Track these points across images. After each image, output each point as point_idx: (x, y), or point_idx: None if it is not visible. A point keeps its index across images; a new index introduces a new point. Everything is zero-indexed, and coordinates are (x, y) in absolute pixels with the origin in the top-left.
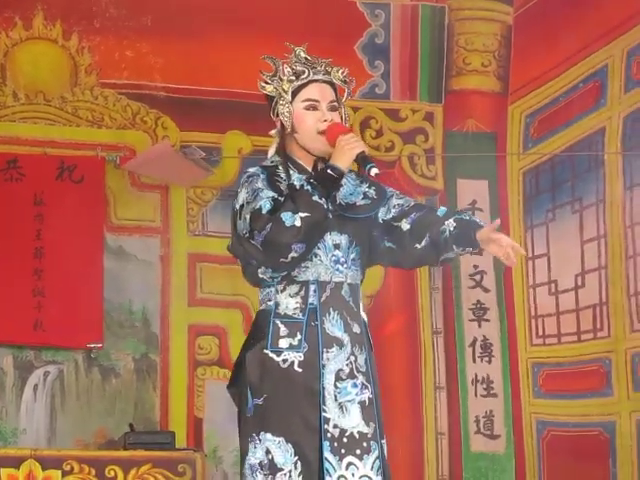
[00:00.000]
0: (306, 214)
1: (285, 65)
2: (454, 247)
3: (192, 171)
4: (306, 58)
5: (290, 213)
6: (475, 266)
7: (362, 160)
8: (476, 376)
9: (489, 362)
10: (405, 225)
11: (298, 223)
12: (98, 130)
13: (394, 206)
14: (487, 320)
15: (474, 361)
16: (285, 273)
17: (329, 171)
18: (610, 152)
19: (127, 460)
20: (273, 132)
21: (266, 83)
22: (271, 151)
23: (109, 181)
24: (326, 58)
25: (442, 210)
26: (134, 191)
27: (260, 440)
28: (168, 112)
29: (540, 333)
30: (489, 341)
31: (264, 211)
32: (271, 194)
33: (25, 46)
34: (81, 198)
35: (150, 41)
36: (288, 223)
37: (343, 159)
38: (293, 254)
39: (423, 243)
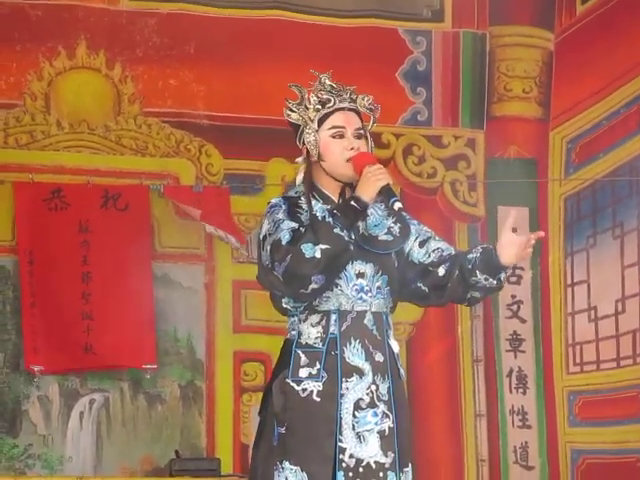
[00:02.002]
0: (326, 246)
1: (311, 93)
2: (478, 273)
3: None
4: (331, 85)
5: (311, 244)
6: (513, 296)
7: (386, 193)
8: (513, 407)
9: (524, 393)
10: (441, 270)
11: (318, 255)
12: (142, 158)
13: (434, 250)
14: (523, 351)
15: (510, 392)
16: (307, 303)
17: (353, 202)
18: None
19: None
20: (299, 160)
21: (291, 111)
22: (298, 179)
23: (153, 209)
24: (350, 85)
25: (474, 253)
26: (178, 219)
27: (282, 468)
28: (211, 140)
29: (578, 361)
30: (524, 372)
31: (284, 242)
32: (292, 225)
33: (69, 75)
34: (126, 226)
35: (193, 69)
36: (308, 255)
37: (368, 191)
38: (313, 285)
39: (452, 278)
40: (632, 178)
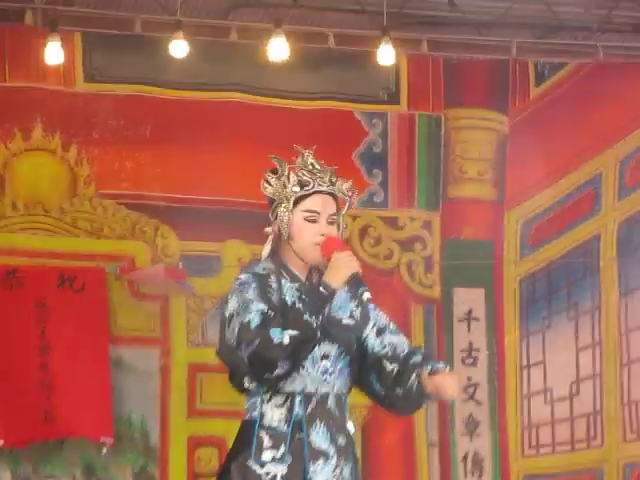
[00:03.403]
0: (295, 332)
1: (291, 171)
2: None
3: (181, 290)
4: (313, 164)
5: (279, 330)
6: (469, 378)
7: (355, 281)
8: None
9: (480, 477)
10: (390, 367)
11: (286, 341)
12: (97, 240)
13: (388, 343)
14: (478, 434)
15: (465, 476)
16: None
17: (321, 288)
18: (606, 258)
19: None
20: (268, 230)
21: (269, 184)
22: (265, 251)
23: (110, 291)
24: (331, 165)
25: (415, 358)
26: (134, 301)
27: None
28: (167, 221)
29: (534, 443)
30: (480, 456)
31: (253, 325)
32: (261, 307)
33: (24, 157)
34: (83, 307)
35: (149, 151)
36: (276, 340)
37: (337, 277)
38: (279, 371)
39: (399, 391)
40: (586, 259)
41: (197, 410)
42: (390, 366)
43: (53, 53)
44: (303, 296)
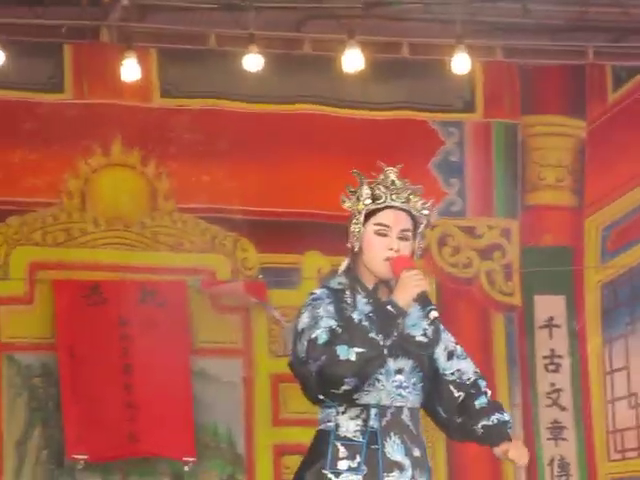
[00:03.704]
0: (361, 350)
1: (365, 186)
2: (476, 426)
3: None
4: (393, 181)
5: (346, 347)
6: (552, 384)
7: (423, 300)
8: None
9: None
10: (457, 394)
11: (353, 358)
12: (178, 254)
13: (457, 370)
14: (564, 439)
15: None
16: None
17: (389, 307)
18: None
19: None
20: (349, 245)
21: (347, 199)
22: (342, 267)
23: (191, 304)
24: (415, 185)
25: (481, 402)
26: (215, 314)
27: None
28: (246, 234)
29: (619, 448)
30: (566, 460)
31: (320, 341)
32: (330, 323)
33: (104, 173)
34: (165, 321)
35: (226, 165)
36: (342, 357)
37: (404, 296)
38: (346, 387)
39: (459, 420)
40: None
41: (281, 419)
42: (457, 393)
43: (129, 69)
44: (371, 314)
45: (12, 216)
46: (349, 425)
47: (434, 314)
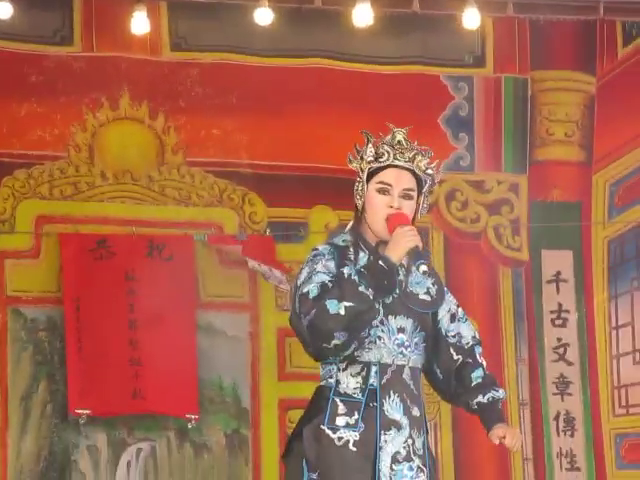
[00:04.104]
0: (350, 304)
1: (370, 145)
2: (471, 400)
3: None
4: (399, 141)
5: (335, 301)
6: (559, 339)
7: (414, 255)
8: (560, 450)
9: (572, 436)
10: (457, 357)
11: (342, 312)
12: (185, 208)
13: (457, 333)
14: (570, 394)
15: (558, 435)
16: (348, 353)
17: (380, 262)
18: None
19: None
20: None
21: (353, 157)
22: (349, 225)
23: (198, 259)
24: (423, 146)
25: (478, 374)
26: (222, 268)
27: None
28: (255, 189)
29: (624, 403)
30: (572, 415)
31: (311, 296)
32: (323, 279)
33: (112, 126)
34: (171, 275)
35: (235, 119)
36: (332, 311)
37: (396, 251)
38: (336, 341)
39: (453, 388)
40: None
41: (287, 374)
42: (455, 356)
43: (139, 22)
44: (362, 269)
45: (19, 169)
46: (349, 382)
47: (423, 268)
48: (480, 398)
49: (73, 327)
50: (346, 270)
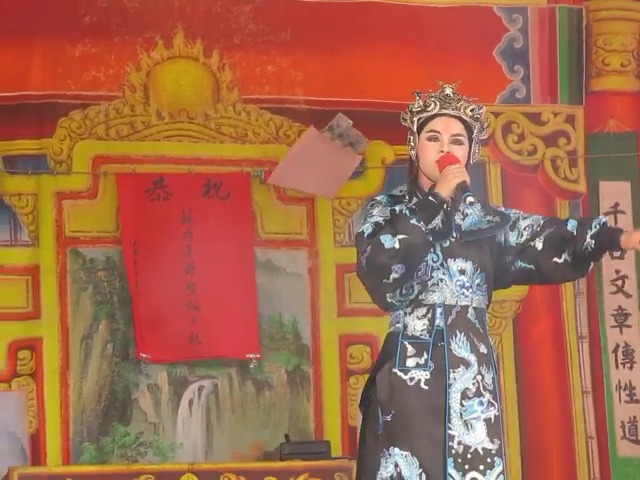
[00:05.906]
0: (404, 236)
1: (419, 99)
2: (597, 258)
3: (341, 160)
4: (447, 95)
5: (389, 236)
6: (617, 271)
7: (461, 189)
8: (619, 382)
9: (631, 368)
10: (539, 244)
11: (397, 245)
12: (242, 146)
13: (525, 228)
14: (629, 326)
15: (617, 367)
16: (413, 297)
17: (430, 198)
18: None
19: (284, 471)
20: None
21: (405, 114)
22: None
23: (255, 196)
24: (470, 97)
25: (572, 223)
26: (280, 205)
27: (390, 455)
28: (310, 124)
29: None
30: (630, 347)
31: (366, 234)
32: (377, 219)
33: (167, 65)
34: (229, 214)
35: (290, 55)
36: (387, 245)
37: (444, 187)
38: (394, 275)
39: (563, 258)
40: None
41: (347, 309)
42: (538, 244)
43: None
44: (414, 206)
45: (74, 110)
46: (416, 324)
47: (470, 199)
48: (589, 232)
49: (132, 269)
50: (398, 207)
